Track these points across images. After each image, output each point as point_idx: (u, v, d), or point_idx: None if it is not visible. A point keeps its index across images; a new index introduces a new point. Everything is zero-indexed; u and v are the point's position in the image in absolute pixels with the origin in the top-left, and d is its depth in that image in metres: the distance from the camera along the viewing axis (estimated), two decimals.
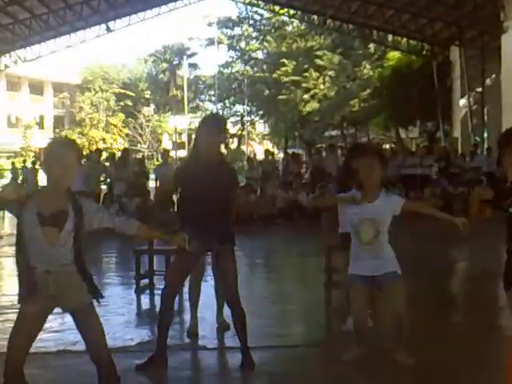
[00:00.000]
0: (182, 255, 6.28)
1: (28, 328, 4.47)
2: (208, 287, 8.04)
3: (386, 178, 6.06)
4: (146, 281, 9.82)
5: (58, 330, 7.11)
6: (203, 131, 6.15)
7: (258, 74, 53.66)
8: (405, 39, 34.84)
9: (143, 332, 7.59)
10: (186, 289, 9.32)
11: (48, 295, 4.42)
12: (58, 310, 4.55)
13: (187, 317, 7.81)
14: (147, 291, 9.64)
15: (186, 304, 8.78)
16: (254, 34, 57.38)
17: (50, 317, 4.53)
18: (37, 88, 67.76)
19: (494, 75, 29.59)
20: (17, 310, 8.76)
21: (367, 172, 5.81)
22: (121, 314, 8.42)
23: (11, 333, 4.47)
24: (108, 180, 20.56)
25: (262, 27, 56.90)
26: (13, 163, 26.48)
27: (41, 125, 67.54)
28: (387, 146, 37.82)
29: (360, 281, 5.95)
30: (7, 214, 23.70)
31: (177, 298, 9.03)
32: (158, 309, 6.40)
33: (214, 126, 6.17)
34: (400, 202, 5.87)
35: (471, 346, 6.67)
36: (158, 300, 8.93)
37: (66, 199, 4.49)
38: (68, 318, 4.71)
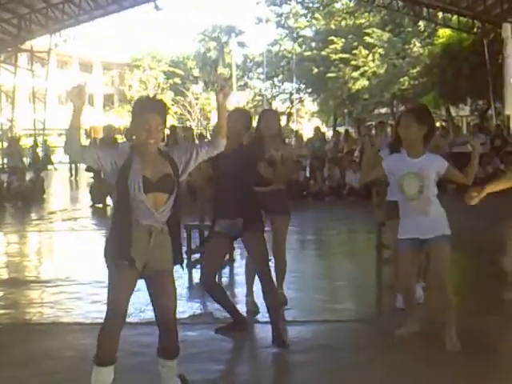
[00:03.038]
0: (213, 238, 6.35)
1: (125, 286, 4.46)
2: None
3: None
4: (197, 256, 9.90)
5: None
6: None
7: (306, 52, 53.29)
8: (455, 16, 34.27)
9: (195, 305, 7.65)
10: (238, 263, 9.47)
11: (146, 251, 4.41)
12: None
13: (237, 290, 7.90)
14: (198, 266, 9.71)
15: (237, 278, 8.87)
16: (302, 12, 56.89)
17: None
18: (86, 66, 68.31)
19: None
20: (71, 283, 8.91)
21: (404, 130, 5.92)
22: None
23: (111, 289, 4.46)
24: None
25: (311, 4, 56.50)
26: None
27: (90, 103, 68.08)
28: (437, 124, 37.43)
29: (408, 246, 5.92)
30: (61, 189, 23.89)
31: (228, 272, 9.21)
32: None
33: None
34: (444, 164, 5.87)
35: None
36: None
37: (164, 160, 4.48)
38: None
